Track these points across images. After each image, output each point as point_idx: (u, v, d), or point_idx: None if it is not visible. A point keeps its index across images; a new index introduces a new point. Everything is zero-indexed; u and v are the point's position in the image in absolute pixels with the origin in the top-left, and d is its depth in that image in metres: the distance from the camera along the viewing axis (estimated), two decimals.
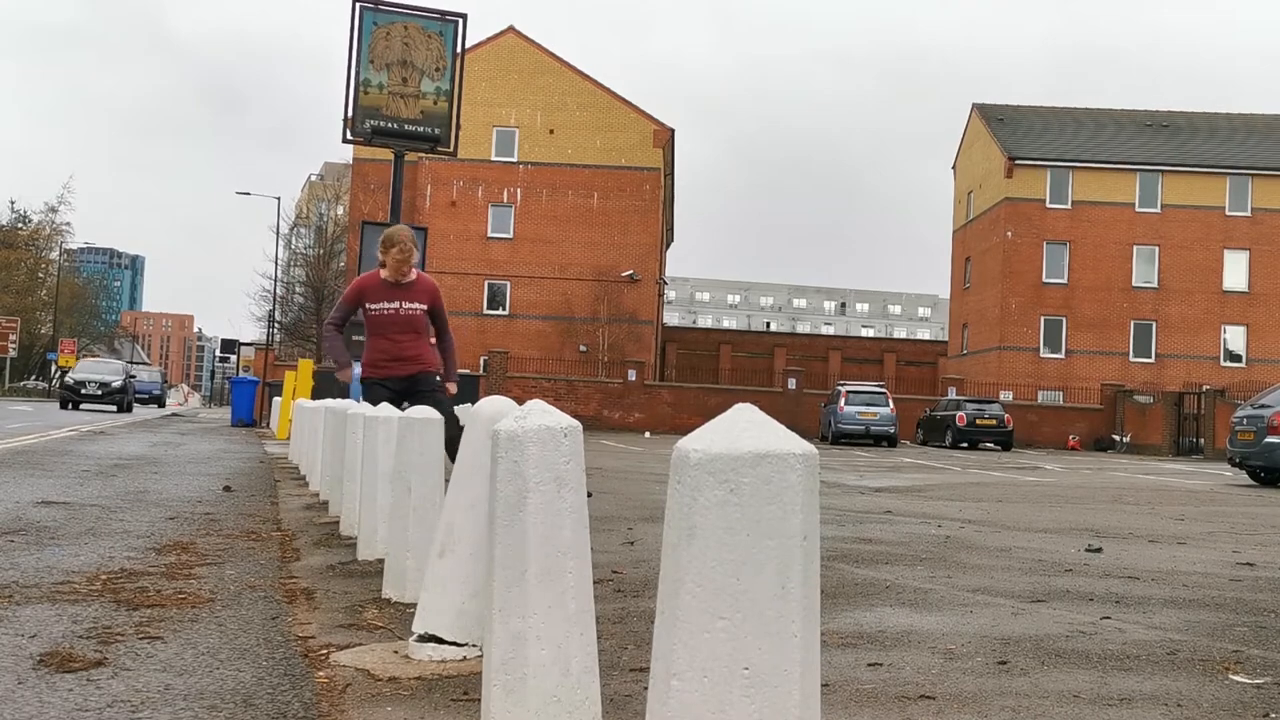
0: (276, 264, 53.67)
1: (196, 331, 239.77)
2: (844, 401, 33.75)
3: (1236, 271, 47.46)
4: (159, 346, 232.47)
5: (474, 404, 3.75)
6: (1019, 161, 47.57)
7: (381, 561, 5.22)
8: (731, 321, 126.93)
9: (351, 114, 15.26)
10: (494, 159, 47.61)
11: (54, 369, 62.64)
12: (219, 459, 14.69)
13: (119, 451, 14.82)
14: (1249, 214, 47.36)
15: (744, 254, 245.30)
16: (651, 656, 1.90)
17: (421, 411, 4.94)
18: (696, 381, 48.13)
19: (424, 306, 7.05)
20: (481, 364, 40.62)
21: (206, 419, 37.45)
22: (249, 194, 50.93)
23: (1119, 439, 39.54)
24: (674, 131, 48.79)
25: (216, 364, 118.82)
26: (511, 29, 48.62)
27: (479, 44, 44.72)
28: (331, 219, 69.09)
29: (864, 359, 62.03)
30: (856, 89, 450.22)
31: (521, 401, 2.92)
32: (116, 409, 36.93)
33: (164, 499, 8.83)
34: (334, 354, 7.37)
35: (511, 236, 47.71)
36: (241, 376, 37.53)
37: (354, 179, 51.44)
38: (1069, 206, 47.57)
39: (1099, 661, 3.84)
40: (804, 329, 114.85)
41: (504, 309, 47.50)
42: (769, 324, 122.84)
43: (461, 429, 3.83)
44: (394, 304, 6.97)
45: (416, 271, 7.10)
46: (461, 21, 15.69)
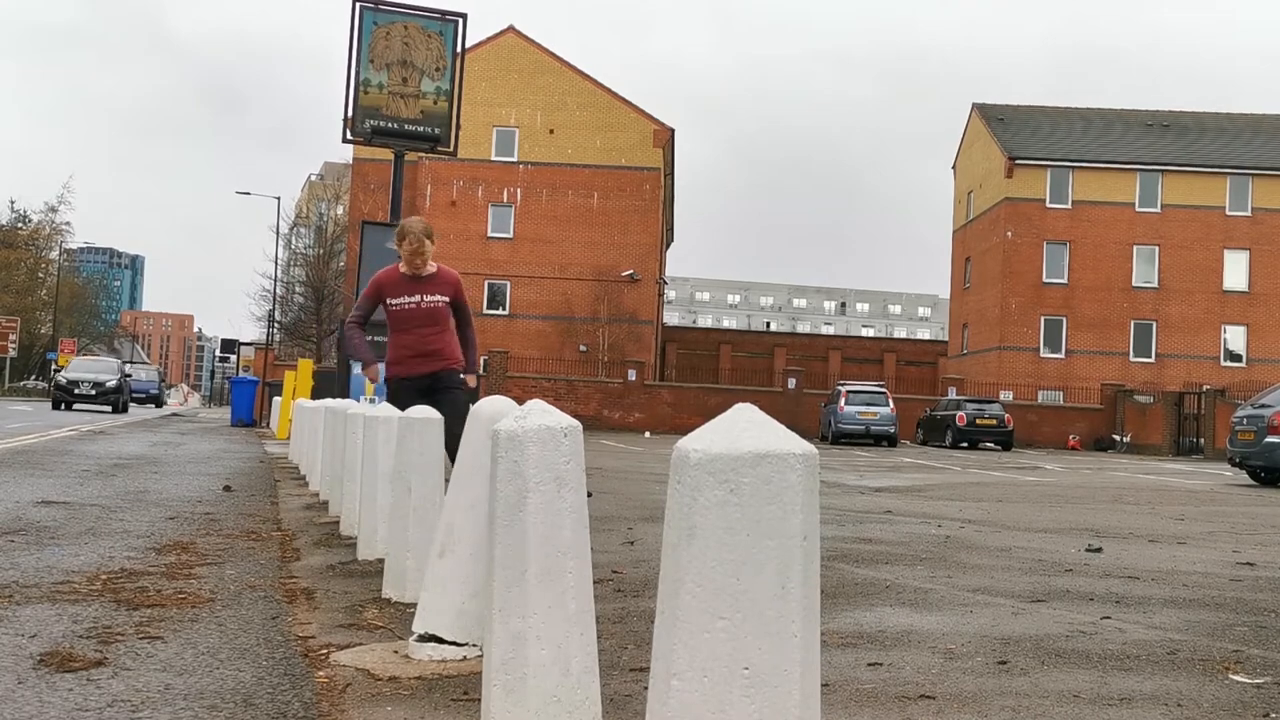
0: (276, 264, 53.70)
1: (196, 331, 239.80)
2: (844, 401, 33.75)
3: (1237, 271, 47.45)
4: (159, 346, 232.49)
5: (474, 404, 3.75)
6: (1019, 161, 47.57)
7: (381, 561, 5.22)
8: (731, 321, 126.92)
9: (351, 114, 15.26)
10: (494, 159, 47.60)
11: (54, 369, 62.41)
12: (219, 459, 14.70)
13: (119, 451, 14.82)
14: (1249, 214, 47.35)
15: (744, 254, 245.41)
16: (651, 656, 1.90)
17: (421, 411, 4.94)
18: (696, 381, 48.13)
19: (445, 299, 6.86)
20: (482, 364, 40.59)
21: (206, 419, 37.46)
22: (249, 194, 50.93)
23: (1119, 439, 39.54)
24: (674, 131, 48.79)
25: (216, 364, 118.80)
26: (511, 29, 48.62)
27: (479, 44, 44.72)
28: (331, 219, 69.10)
29: (864, 359, 62.02)
30: (856, 89, 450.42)
31: (521, 401, 2.92)
32: (111, 409, 35.47)
33: (164, 499, 8.83)
34: (359, 353, 7.15)
35: (511, 236, 47.71)
36: (241, 376, 37.51)
37: (354, 179, 51.45)
38: (1069, 206, 47.56)
39: (1099, 661, 3.84)
40: (804, 329, 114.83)
41: (504, 309, 47.49)
42: (769, 324, 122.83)
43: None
44: (414, 298, 6.77)
45: (437, 264, 6.93)
46: (461, 21, 15.69)
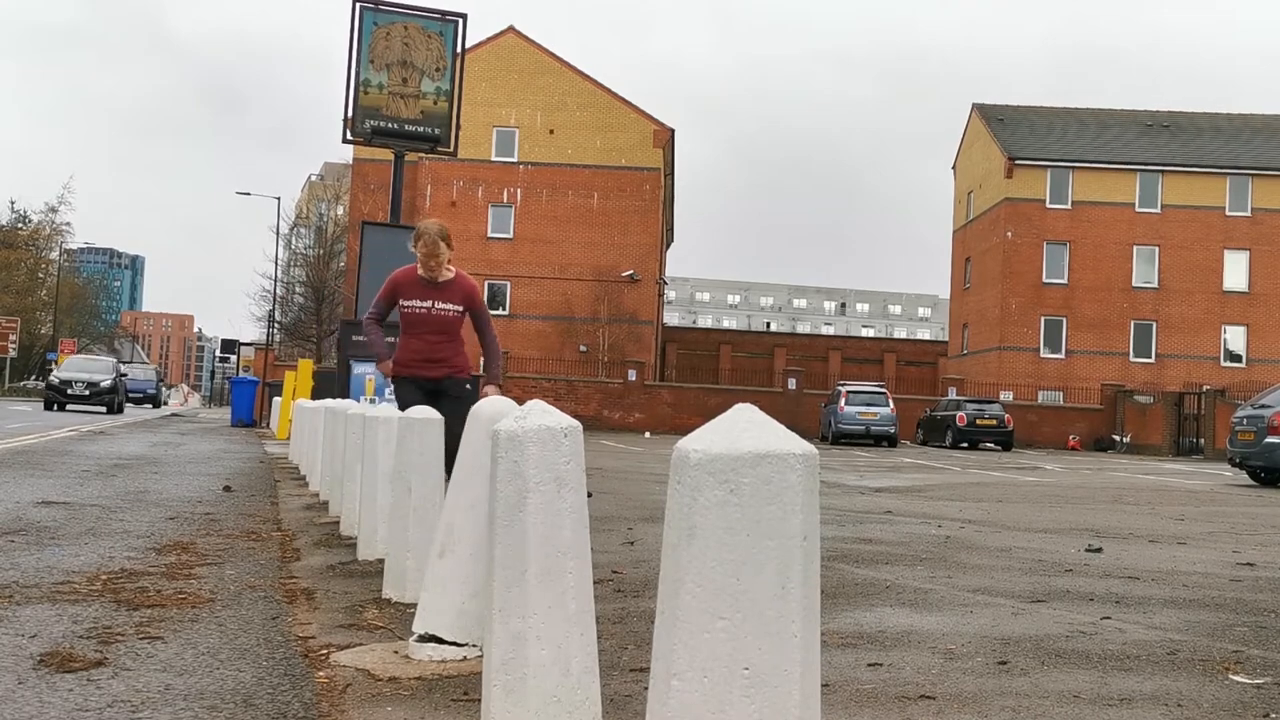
0: (276, 264, 53.69)
1: (196, 331, 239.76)
2: (844, 401, 33.75)
3: (1236, 271, 47.45)
4: (159, 346, 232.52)
5: (474, 404, 3.75)
6: (1019, 162, 47.57)
7: (381, 562, 5.22)
8: (731, 321, 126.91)
9: (351, 114, 15.26)
10: (494, 159, 47.61)
11: (53, 369, 62.26)
12: (219, 459, 14.70)
13: (119, 451, 14.82)
14: (1249, 214, 47.35)
15: (744, 254, 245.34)
16: (651, 656, 1.90)
17: (421, 412, 4.94)
18: (696, 382, 48.13)
19: (459, 308, 6.70)
20: (481, 364, 40.60)
21: (206, 419, 37.46)
22: (249, 194, 50.90)
23: (1119, 439, 39.54)
24: (674, 131, 48.79)
25: (216, 364, 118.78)
26: (511, 29, 48.62)
27: (479, 44, 44.72)
28: (331, 219, 69.11)
29: (864, 359, 62.01)
30: (856, 89, 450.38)
31: (521, 402, 2.92)
32: (106, 410, 33.98)
33: (164, 499, 8.83)
34: (374, 347, 7.02)
35: (511, 237, 47.72)
36: (241, 376, 37.53)
37: (354, 179, 51.45)
38: (1069, 207, 47.56)
39: (1099, 661, 3.84)
40: (804, 329, 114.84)
41: (504, 309, 47.48)
42: (769, 324, 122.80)
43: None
44: (426, 303, 6.64)
45: (456, 270, 6.77)
46: (461, 22, 15.69)
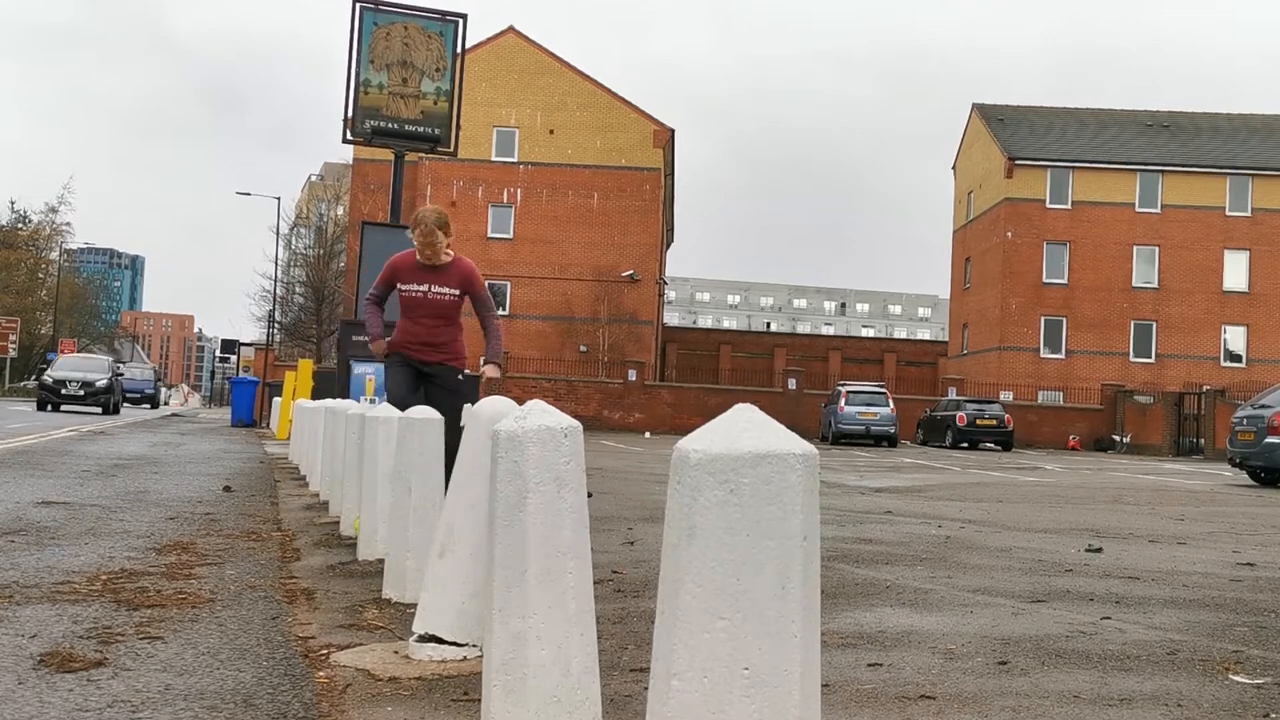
0: (276, 264, 53.68)
1: (196, 332, 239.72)
2: (844, 402, 33.74)
3: (1236, 272, 47.45)
4: (159, 347, 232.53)
5: (474, 404, 3.75)
6: (1019, 162, 47.57)
7: (381, 562, 5.22)
8: (731, 322, 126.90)
9: (351, 114, 15.25)
10: (494, 159, 47.62)
11: (46, 368, 61.93)
12: (219, 459, 14.70)
13: (119, 451, 14.82)
14: (1249, 214, 47.35)
15: (744, 254, 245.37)
16: (652, 656, 1.90)
17: (421, 412, 4.94)
18: (696, 382, 48.13)
19: (455, 292, 6.63)
20: (482, 364, 40.61)
21: (206, 419, 37.45)
22: (249, 194, 50.89)
23: (1119, 439, 39.54)
24: (674, 131, 48.79)
25: (216, 364, 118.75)
26: (511, 29, 48.62)
27: (479, 44, 44.72)
28: (331, 219, 69.12)
29: (864, 359, 62.01)
30: (856, 89, 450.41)
31: (521, 402, 2.92)
32: (102, 411, 32.66)
33: (164, 499, 8.83)
34: (371, 327, 6.98)
35: (511, 237, 47.73)
36: (241, 377, 37.53)
37: (354, 179, 51.46)
38: (1069, 207, 47.56)
39: (1099, 662, 3.84)
40: (804, 329, 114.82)
41: (504, 309, 47.48)
42: (769, 324, 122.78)
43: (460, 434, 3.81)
44: (423, 287, 6.58)
45: (454, 255, 6.69)
46: (461, 22, 15.68)
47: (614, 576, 5.42)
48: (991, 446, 33.73)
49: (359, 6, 15.14)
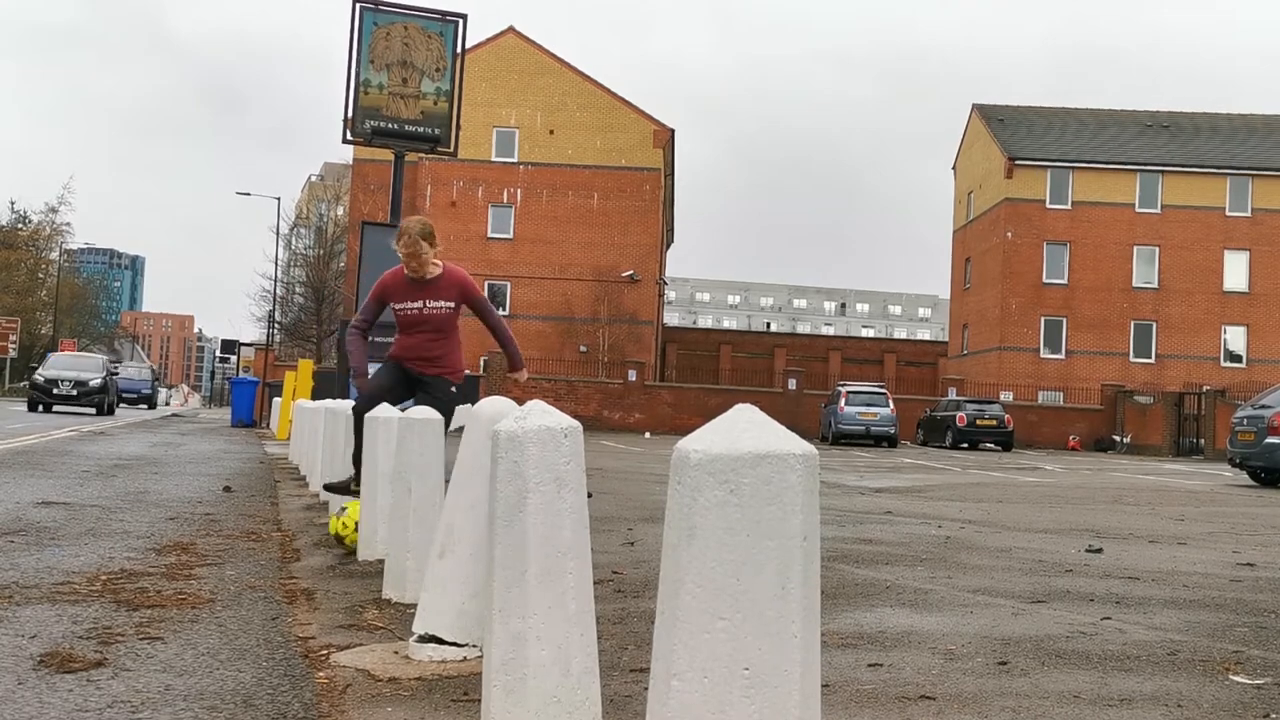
0: (276, 264, 53.68)
1: (196, 332, 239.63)
2: (844, 402, 33.75)
3: (1237, 272, 47.45)
4: (159, 347, 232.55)
5: (474, 404, 3.75)
6: (1019, 162, 47.57)
7: (382, 562, 5.22)
8: (731, 322, 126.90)
9: (351, 114, 15.25)
10: (494, 159, 47.61)
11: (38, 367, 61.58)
12: (219, 459, 14.69)
13: (119, 452, 14.82)
14: (1249, 214, 47.35)
15: (744, 254, 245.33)
16: (652, 657, 1.90)
17: (421, 412, 4.95)
18: (696, 382, 48.12)
19: (450, 304, 6.52)
20: (481, 365, 40.61)
21: (206, 419, 37.45)
22: (249, 194, 50.85)
23: (1119, 439, 39.54)
24: (674, 132, 48.79)
25: (216, 364, 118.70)
26: (511, 29, 48.63)
27: (479, 44, 44.71)
28: (331, 219, 69.14)
29: (864, 359, 62.01)
30: (856, 89, 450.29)
31: (521, 402, 2.92)
32: (96, 411, 31.31)
33: (164, 499, 8.83)
34: (354, 360, 6.87)
35: (512, 237, 47.73)
36: (241, 377, 37.52)
37: (354, 179, 51.45)
38: (1069, 207, 47.57)
39: (1099, 662, 3.84)
40: (804, 329, 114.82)
41: (504, 310, 47.46)
42: (769, 324, 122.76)
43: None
44: (418, 303, 6.47)
45: (443, 265, 6.55)
46: (462, 22, 15.67)
47: (614, 577, 5.42)
48: (991, 447, 33.72)
49: (359, 7, 15.13)
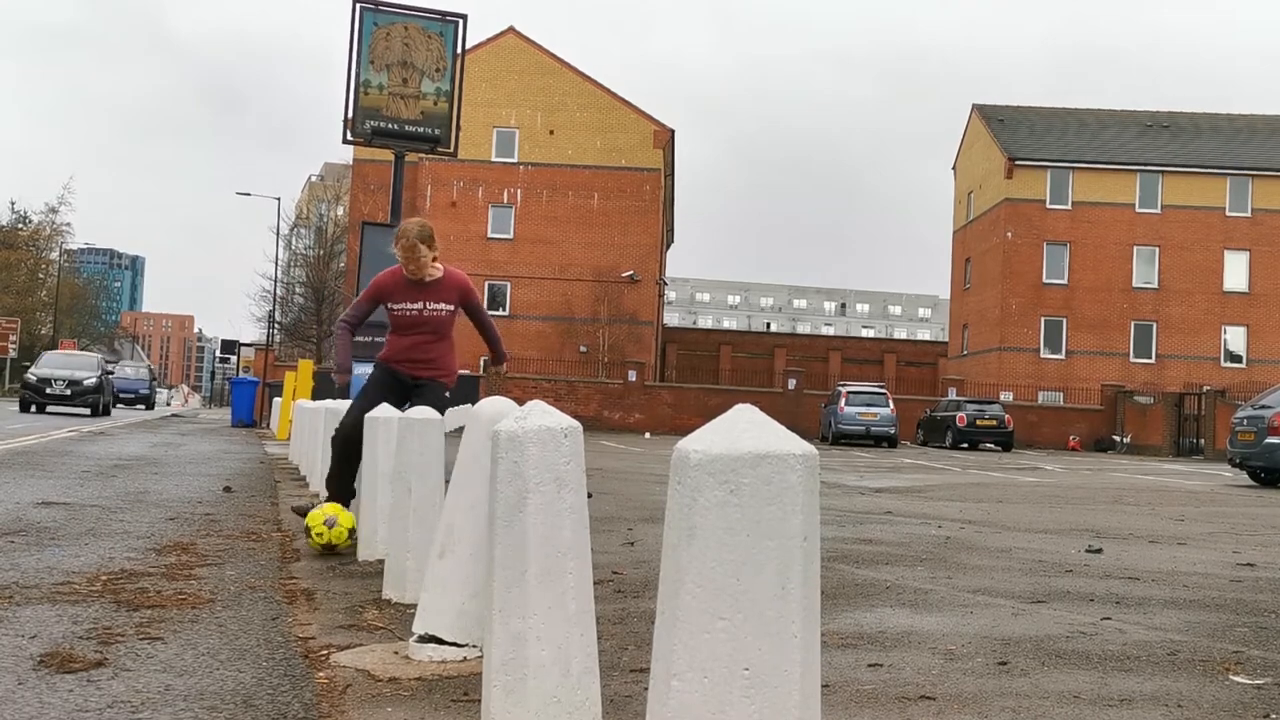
0: (277, 265, 53.70)
1: (196, 332, 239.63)
2: (844, 402, 33.76)
3: (1237, 272, 47.46)
4: (159, 347, 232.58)
5: (474, 404, 3.75)
6: (1019, 162, 47.58)
7: (382, 562, 5.23)
8: (732, 322, 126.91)
9: (351, 114, 15.25)
10: (494, 160, 47.62)
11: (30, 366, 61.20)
12: (219, 459, 14.70)
13: (119, 452, 14.82)
14: (1249, 214, 47.36)
15: (744, 254, 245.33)
16: (652, 657, 1.90)
17: (421, 412, 4.95)
18: (696, 382, 48.12)
19: (450, 307, 6.47)
20: (481, 365, 40.61)
21: (206, 419, 37.44)
22: (249, 194, 50.87)
23: (1119, 440, 39.54)
24: (674, 132, 48.80)
25: (217, 365, 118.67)
26: (511, 30, 48.63)
27: (479, 44, 44.71)
28: (332, 219, 69.17)
29: (864, 359, 62.04)
30: (856, 89, 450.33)
31: (522, 402, 2.92)
32: (90, 412, 29.92)
33: (164, 499, 8.83)
34: (339, 358, 6.80)
35: (512, 237, 47.73)
36: (241, 377, 37.52)
37: (354, 179, 51.46)
38: (1069, 207, 47.58)
39: (1099, 662, 3.84)
40: (804, 329, 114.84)
41: (504, 310, 47.47)
42: (769, 324, 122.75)
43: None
44: (417, 305, 6.41)
45: (444, 268, 6.49)
46: (462, 22, 15.67)
47: (614, 577, 5.42)
48: (991, 447, 33.73)
49: (359, 7, 15.13)
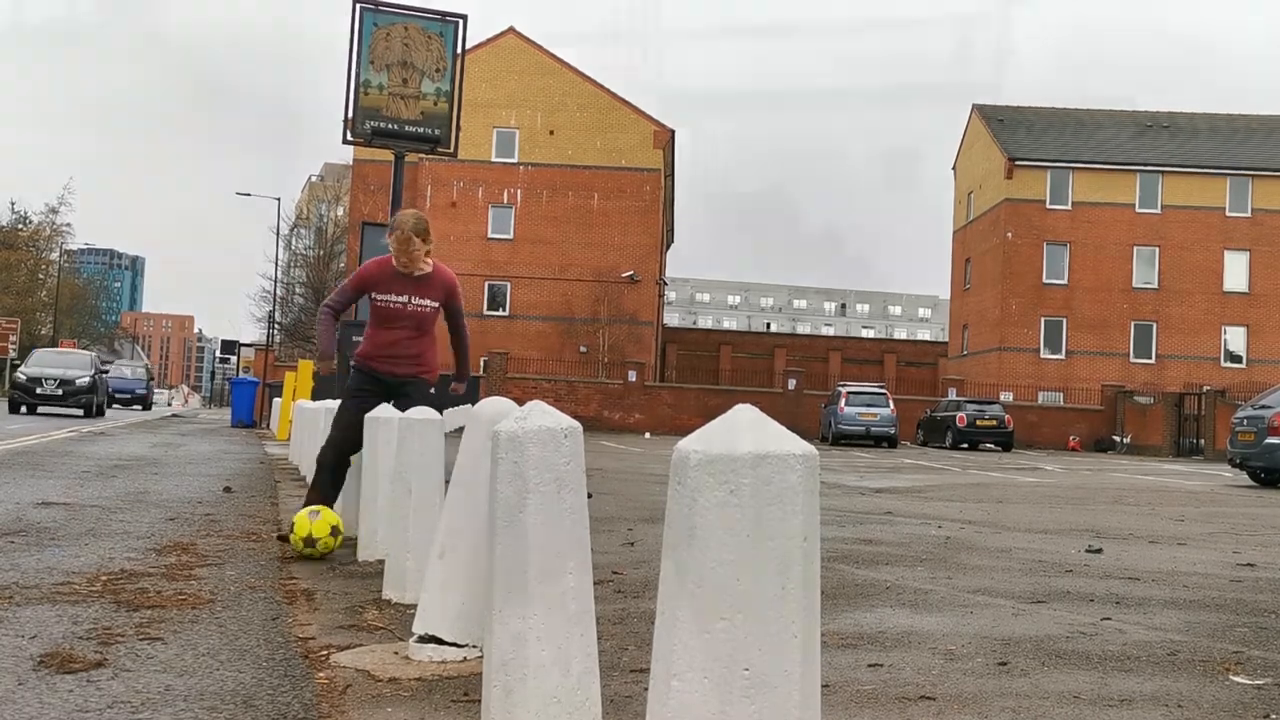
0: (277, 265, 53.74)
1: (196, 332, 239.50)
2: (844, 402, 33.75)
3: (1237, 272, 47.45)
4: (159, 347, 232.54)
5: (474, 405, 3.75)
6: (1019, 162, 47.57)
7: (381, 562, 5.23)
8: (732, 322, 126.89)
9: (351, 115, 15.25)
10: (494, 160, 47.60)
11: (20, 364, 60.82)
12: (219, 460, 14.69)
13: (119, 452, 14.82)
14: (1249, 215, 47.35)
15: (744, 254, 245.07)
16: (652, 657, 1.90)
17: (421, 412, 4.94)
18: (697, 382, 48.12)
19: (436, 304, 6.37)
20: (482, 365, 40.60)
21: (206, 420, 37.44)
22: (249, 194, 50.83)
23: (1119, 440, 39.53)
24: (674, 132, 48.80)
25: (217, 365, 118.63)
26: (511, 30, 48.61)
27: (479, 45, 44.69)
28: (332, 220, 69.21)
29: (864, 360, 62.03)
30: (856, 89, 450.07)
31: (522, 402, 2.92)
32: (83, 413, 28.55)
33: (164, 500, 8.83)
34: (321, 342, 6.62)
35: (512, 237, 47.72)
36: (241, 377, 37.51)
37: (354, 180, 51.45)
38: (1069, 207, 47.57)
39: (1099, 662, 3.84)
40: (804, 330, 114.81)
41: (504, 310, 47.49)
42: (769, 325, 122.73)
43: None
44: (403, 297, 6.28)
45: (434, 263, 6.40)
46: (462, 23, 15.67)
47: (614, 577, 5.42)
48: (991, 447, 33.72)
49: (359, 7, 15.13)
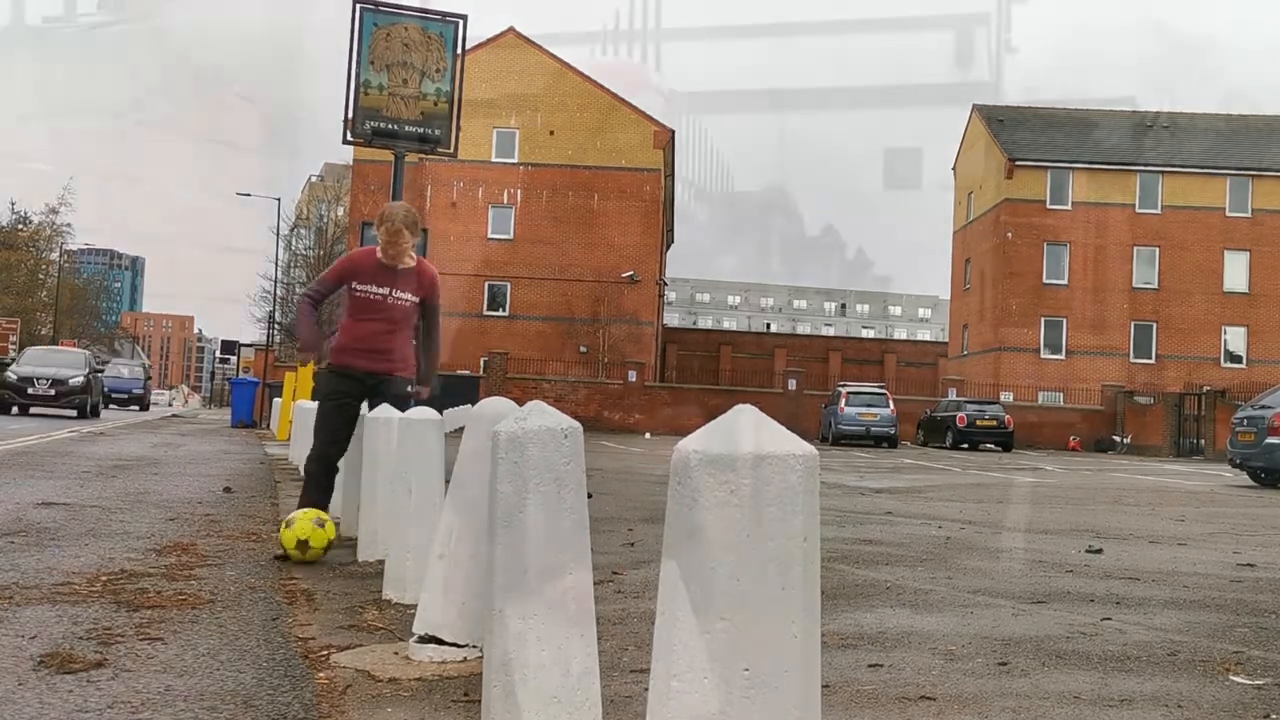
0: (277, 265, 53.72)
1: (196, 332, 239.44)
2: (844, 402, 33.75)
3: (1237, 272, 47.45)
4: (159, 347, 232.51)
5: (474, 405, 3.75)
6: (1019, 162, 47.56)
7: (381, 562, 5.22)
8: (732, 323, 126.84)
9: (351, 115, 15.25)
10: (494, 160, 47.60)
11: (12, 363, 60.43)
12: (219, 460, 14.69)
13: (119, 452, 14.82)
14: (1249, 215, 47.34)
15: (744, 254, 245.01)
16: (652, 657, 1.90)
17: (421, 412, 4.94)
18: (697, 382, 48.13)
19: (415, 299, 6.22)
20: (482, 365, 40.62)
21: (206, 420, 37.43)
22: (249, 195, 50.80)
23: (1119, 440, 39.53)
24: (674, 132, 48.81)
25: (217, 365, 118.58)
26: (511, 30, 48.60)
27: (479, 45, 44.67)
28: (332, 220, 69.20)
29: (864, 360, 62.05)
30: (856, 89, 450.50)
31: (522, 403, 2.91)
32: (77, 413, 27.24)
33: (164, 500, 8.83)
34: (302, 331, 6.52)
35: (512, 238, 47.71)
36: (241, 377, 37.50)
37: (354, 180, 51.43)
38: (1069, 207, 47.56)
39: (1100, 662, 3.84)
40: (804, 330, 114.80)
41: (504, 310, 47.49)
42: (769, 325, 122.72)
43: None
44: (384, 289, 6.13)
45: (419, 258, 6.26)
46: (462, 23, 15.67)
47: (614, 577, 5.42)
48: (991, 447, 33.71)
49: (359, 7, 15.13)
